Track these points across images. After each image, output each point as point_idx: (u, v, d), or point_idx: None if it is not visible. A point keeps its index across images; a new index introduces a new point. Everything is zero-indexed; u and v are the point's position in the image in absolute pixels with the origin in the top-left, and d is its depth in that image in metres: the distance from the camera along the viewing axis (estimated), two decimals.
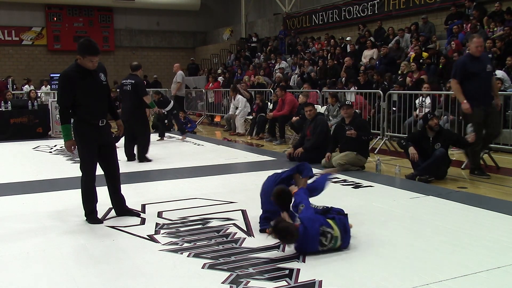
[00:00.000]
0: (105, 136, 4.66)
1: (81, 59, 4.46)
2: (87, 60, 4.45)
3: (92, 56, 4.46)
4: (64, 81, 4.46)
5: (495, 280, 3.22)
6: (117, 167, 4.82)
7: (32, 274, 3.40)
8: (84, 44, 4.48)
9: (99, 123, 4.58)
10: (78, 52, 4.48)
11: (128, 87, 7.96)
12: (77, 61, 4.50)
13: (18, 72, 23.13)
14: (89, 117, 4.52)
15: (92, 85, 4.54)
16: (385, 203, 5.20)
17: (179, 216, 4.77)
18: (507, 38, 10.62)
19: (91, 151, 4.57)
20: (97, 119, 4.57)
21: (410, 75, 11.28)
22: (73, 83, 4.42)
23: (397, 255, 3.67)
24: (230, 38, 24.80)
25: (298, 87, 13.89)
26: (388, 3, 15.92)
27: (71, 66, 4.55)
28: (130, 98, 7.93)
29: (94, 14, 24.90)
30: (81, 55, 4.45)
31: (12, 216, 4.88)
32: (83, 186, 4.64)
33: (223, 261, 3.56)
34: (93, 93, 4.53)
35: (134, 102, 7.92)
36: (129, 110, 7.92)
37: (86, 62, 4.46)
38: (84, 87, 4.46)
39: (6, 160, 8.69)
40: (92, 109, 4.54)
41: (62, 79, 4.50)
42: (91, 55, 4.45)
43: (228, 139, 11.48)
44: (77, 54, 4.48)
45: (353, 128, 7.10)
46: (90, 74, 4.53)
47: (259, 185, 4.60)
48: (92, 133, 4.53)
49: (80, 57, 4.46)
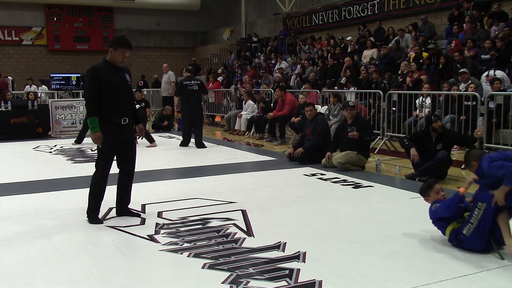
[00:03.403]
0: (126, 135, 4.66)
1: (113, 52, 4.50)
2: (119, 53, 4.49)
3: (126, 49, 4.51)
4: (93, 74, 4.47)
5: (495, 280, 3.22)
6: (133, 166, 4.82)
7: (32, 274, 3.40)
8: (119, 37, 4.61)
9: (122, 121, 4.57)
10: (112, 44, 4.52)
11: (194, 87, 9.74)
12: (105, 58, 4.55)
13: (18, 72, 23.11)
14: (113, 114, 4.50)
15: (118, 82, 4.56)
16: (385, 203, 5.20)
17: (179, 216, 4.77)
18: (507, 38, 10.62)
19: (109, 150, 4.58)
20: (120, 117, 4.56)
21: (410, 75, 11.28)
22: (101, 77, 4.44)
23: (397, 255, 3.67)
24: (230, 38, 24.79)
25: (298, 87, 13.89)
26: (388, 3, 15.91)
27: (99, 62, 4.60)
28: (197, 95, 9.85)
29: (94, 14, 24.89)
30: (114, 48, 4.49)
31: (12, 216, 4.88)
32: (94, 182, 4.64)
33: (223, 261, 3.56)
34: (118, 90, 4.55)
35: (198, 98, 9.96)
36: (195, 105, 9.81)
37: (117, 55, 4.50)
38: (110, 83, 4.48)
39: (6, 160, 8.69)
40: (116, 107, 4.53)
41: (90, 72, 4.51)
42: (124, 47, 4.50)
43: (228, 139, 11.48)
44: (110, 47, 4.52)
45: (355, 128, 7.10)
46: (117, 71, 4.57)
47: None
48: (114, 132, 4.52)
49: (112, 50, 4.49)
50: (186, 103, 9.83)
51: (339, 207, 5.08)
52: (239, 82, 15.67)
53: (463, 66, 10.53)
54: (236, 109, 13.97)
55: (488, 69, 10.03)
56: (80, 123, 12.92)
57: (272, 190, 5.88)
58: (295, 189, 5.98)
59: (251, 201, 5.31)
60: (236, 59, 21.48)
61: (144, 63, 26.33)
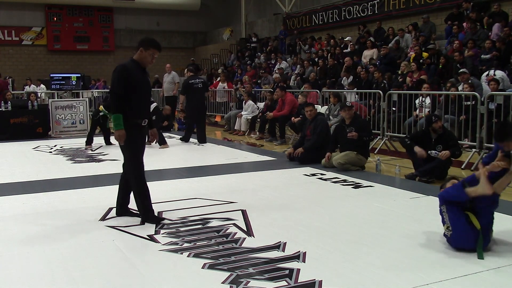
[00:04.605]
0: (144, 135, 4.68)
1: (142, 53, 4.47)
2: (148, 54, 4.48)
3: (156, 50, 4.51)
4: (122, 72, 4.43)
5: (495, 280, 3.22)
6: None
7: (32, 274, 3.40)
8: (150, 38, 4.59)
9: (142, 123, 4.57)
10: (142, 45, 4.49)
11: (199, 85, 10.38)
12: (133, 58, 4.53)
13: (18, 72, 23.11)
14: (136, 115, 4.48)
15: (143, 84, 4.56)
16: (385, 203, 5.19)
17: (179, 216, 4.77)
18: (507, 38, 10.62)
19: (138, 149, 4.55)
20: (142, 118, 4.56)
21: (410, 75, 11.28)
22: (129, 76, 4.41)
23: (397, 255, 3.67)
24: (230, 38, 24.79)
25: (298, 87, 13.89)
26: (388, 3, 15.91)
27: (127, 61, 4.56)
28: (201, 93, 10.46)
29: (94, 14, 24.88)
30: (144, 48, 4.47)
31: (12, 216, 4.88)
32: (137, 185, 4.56)
33: (223, 261, 3.56)
34: (143, 91, 4.54)
35: (202, 96, 10.62)
36: (200, 102, 10.46)
37: (147, 56, 4.48)
38: (137, 82, 4.46)
39: (6, 160, 8.69)
40: (140, 107, 4.52)
41: (120, 70, 4.46)
42: (155, 48, 4.50)
43: (228, 139, 11.48)
44: (140, 47, 4.49)
45: (354, 129, 7.10)
46: (143, 72, 4.56)
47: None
48: (136, 133, 4.51)
49: (143, 50, 4.47)
50: (192, 100, 10.40)
51: (339, 207, 5.08)
52: (239, 82, 15.67)
53: (463, 66, 10.53)
54: (236, 109, 13.97)
55: (488, 69, 10.03)
56: (80, 123, 12.94)
57: (272, 190, 5.88)
58: (295, 189, 5.98)
59: (251, 201, 5.31)
60: (236, 59, 21.49)
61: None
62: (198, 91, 10.38)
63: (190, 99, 10.47)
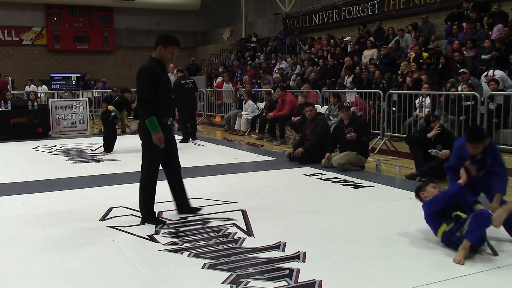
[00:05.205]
0: (169, 133, 4.62)
1: (162, 51, 4.42)
2: (168, 51, 4.42)
3: (175, 47, 4.46)
4: (147, 74, 4.36)
5: (495, 280, 3.22)
6: (179, 164, 4.85)
7: (32, 274, 3.40)
8: (168, 35, 4.53)
9: (168, 121, 4.55)
10: (160, 42, 4.43)
11: (190, 85, 10.83)
12: (152, 56, 4.46)
13: (18, 72, 23.10)
14: (162, 114, 4.42)
15: (167, 82, 4.53)
16: (385, 203, 5.20)
17: (179, 216, 4.77)
18: (507, 38, 10.62)
19: (159, 151, 4.50)
20: (167, 117, 4.53)
21: (410, 75, 11.28)
22: (155, 77, 4.36)
23: (397, 255, 3.67)
24: (230, 38, 24.79)
25: (298, 87, 13.89)
26: (388, 3, 15.92)
27: (148, 61, 4.47)
28: (192, 92, 10.98)
29: (94, 14, 24.87)
30: (163, 46, 4.41)
31: (12, 216, 4.88)
32: (145, 184, 4.56)
33: (223, 261, 3.56)
34: (167, 90, 4.51)
35: (194, 95, 11.30)
36: (191, 101, 11.06)
37: (167, 54, 4.44)
38: (162, 82, 4.41)
39: (6, 160, 8.69)
40: (165, 106, 4.49)
41: (144, 72, 4.38)
42: (174, 45, 4.45)
43: (228, 139, 11.48)
44: (158, 45, 4.43)
45: (352, 129, 7.10)
46: (165, 70, 4.53)
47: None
48: (163, 133, 4.44)
49: (162, 48, 4.41)
50: (182, 100, 10.67)
51: (339, 207, 5.09)
52: (239, 82, 15.67)
53: (463, 66, 10.53)
54: (236, 109, 13.97)
55: (488, 69, 10.03)
56: (80, 123, 12.93)
57: (272, 190, 5.88)
58: (295, 189, 5.98)
59: (251, 201, 5.31)
60: (236, 59, 21.49)
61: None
62: (189, 91, 10.82)
63: (181, 98, 10.64)
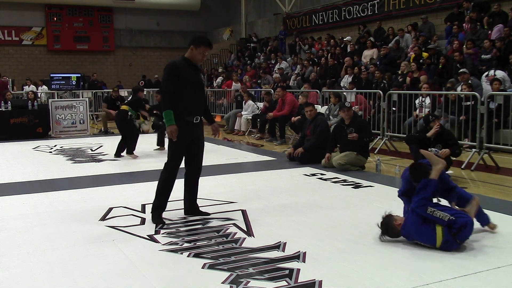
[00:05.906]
0: (196, 133, 4.67)
1: (193, 50, 4.52)
2: (199, 52, 4.51)
3: (207, 48, 4.55)
4: (172, 69, 4.48)
5: (495, 280, 3.22)
6: (200, 167, 4.89)
7: (32, 274, 3.40)
8: (200, 36, 4.68)
9: (194, 120, 4.58)
10: (193, 42, 4.53)
11: None
12: (184, 55, 4.57)
13: (18, 72, 23.11)
14: (186, 112, 4.49)
15: (195, 81, 4.58)
16: (385, 203, 5.19)
17: (179, 216, 4.77)
18: (507, 38, 10.62)
19: (181, 149, 4.58)
20: (193, 115, 4.56)
21: (410, 75, 11.28)
22: (179, 72, 4.45)
23: (397, 255, 3.67)
24: (230, 38, 24.79)
25: (298, 87, 13.89)
26: (388, 3, 15.92)
27: (177, 58, 4.63)
28: None
29: (94, 14, 24.87)
30: (195, 46, 4.51)
31: (12, 216, 4.88)
32: (163, 179, 4.64)
33: (223, 261, 3.56)
34: (194, 88, 4.55)
35: None
36: None
37: (198, 54, 4.53)
38: (187, 79, 4.48)
39: (6, 160, 8.69)
40: (191, 105, 4.53)
41: (169, 66, 4.51)
42: (206, 46, 4.54)
43: (228, 139, 11.49)
44: (190, 45, 4.53)
45: (353, 129, 7.09)
46: (195, 70, 4.60)
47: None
48: (186, 131, 4.50)
49: (193, 48, 4.51)
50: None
51: (339, 207, 5.08)
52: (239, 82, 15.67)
53: (463, 66, 10.53)
54: (236, 109, 13.98)
55: (488, 69, 10.03)
56: (80, 123, 12.94)
57: (272, 190, 5.88)
58: (295, 189, 5.98)
59: (251, 201, 5.31)
60: (236, 59, 21.49)
61: (144, 63, 26.34)
62: None
63: None
